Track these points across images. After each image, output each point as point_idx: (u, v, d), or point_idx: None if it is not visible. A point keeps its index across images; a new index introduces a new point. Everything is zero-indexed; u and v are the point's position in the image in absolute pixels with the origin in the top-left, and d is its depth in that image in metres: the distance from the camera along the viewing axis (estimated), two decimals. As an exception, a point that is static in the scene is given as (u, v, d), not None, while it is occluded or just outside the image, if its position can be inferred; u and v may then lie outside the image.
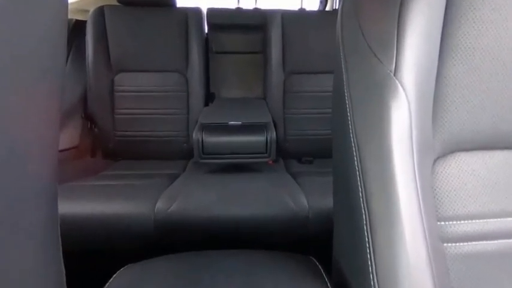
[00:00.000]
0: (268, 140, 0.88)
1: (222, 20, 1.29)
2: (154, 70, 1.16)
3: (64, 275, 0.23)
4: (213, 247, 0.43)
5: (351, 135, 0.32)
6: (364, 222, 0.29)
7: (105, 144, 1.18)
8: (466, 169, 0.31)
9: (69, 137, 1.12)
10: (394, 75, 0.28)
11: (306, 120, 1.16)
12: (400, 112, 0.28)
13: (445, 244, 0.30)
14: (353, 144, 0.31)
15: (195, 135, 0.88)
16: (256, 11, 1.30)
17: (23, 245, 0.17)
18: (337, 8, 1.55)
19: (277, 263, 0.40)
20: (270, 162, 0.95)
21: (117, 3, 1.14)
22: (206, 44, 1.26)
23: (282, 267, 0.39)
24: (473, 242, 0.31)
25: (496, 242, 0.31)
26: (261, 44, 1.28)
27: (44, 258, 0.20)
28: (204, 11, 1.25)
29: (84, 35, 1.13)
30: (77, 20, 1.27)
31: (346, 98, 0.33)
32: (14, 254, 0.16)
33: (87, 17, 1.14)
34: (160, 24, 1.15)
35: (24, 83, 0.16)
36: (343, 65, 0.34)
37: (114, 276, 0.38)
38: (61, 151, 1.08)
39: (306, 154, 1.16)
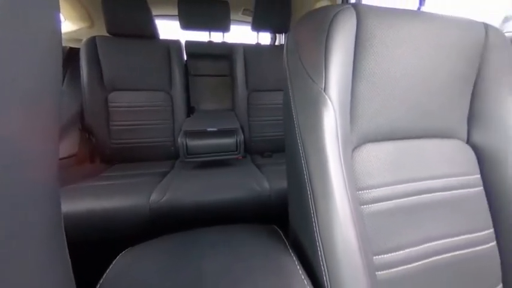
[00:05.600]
0: (238, 141, 0.87)
1: (197, 50, 1.25)
2: (143, 89, 1.07)
3: (70, 265, 0.20)
4: (199, 226, 0.42)
5: (297, 135, 0.32)
6: (309, 196, 0.30)
7: (102, 151, 1.06)
8: (373, 155, 0.34)
9: (69, 146, 0.98)
10: (324, 91, 0.29)
11: (265, 125, 1.17)
12: (329, 117, 0.29)
13: (362, 206, 0.32)
14: (298, 141, 0.32)
15: (180, 140, 0.84)
16: (224, 44, 1.28)
17: (30, 241, 0.15)
18: (283, 43, 1.60)
19: (249, 232, 0.39)
20: (240, 157, 0.94)
21: (107, 35, 1.04)
22: (186, 68, 1.21)
23: (253, 235, 0.38)
24: (380, 203, 0.33)
25: (394, 201, 0.33)
26: (229, 69, 1.26)
27: (50, 251, 0.17)
28: (183, 42, 1.20)
29: (78, 60, 1.01)
30: (70, 48, 1.13)
31: (293, 108, 0.34)
32: (22, 250, 0.14)
33: (80, 45, 1.02)
34: (146, 52, 1.07)
35: (25, 102, 0.14)
36: (289, 85, 0.35)
37: (116, 258, 0.34)
38: (62, 159, 0.95)
39: (267, 150, 1.17)
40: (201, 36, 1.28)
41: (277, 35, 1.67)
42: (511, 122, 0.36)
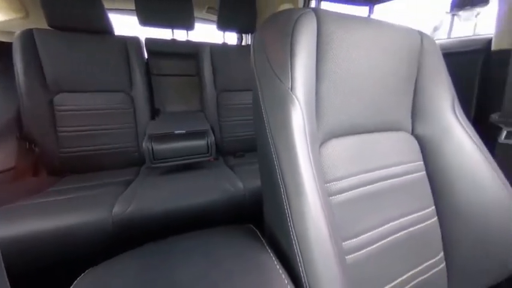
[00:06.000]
0: (209, 143, 0.85)
1: (159, 48, 1.17)
2: (98, 90, 0.96)
3: None
4: (171, 236, 0.39)
5: (268, 133, 0.33)
6: (282, 192, 0.31)
7: (49, 161, 0.91)
8: (337, 149, 0.36)
9: (4, 158, 0.83)
10: (291, 91, 0.31)
11: (236, 125, 1.16)
12: (297, 115, 0.30)
13: (330, 197, 0.34)
14: (270, 140, 0.32)
15: (145, 144, 0.78)
16: (189, 42, 1.23)
17: None
18: (249, 43, 1.61)
19: (225, 235, 0.39)
20: (212, 159, 0.92)
21: (47, 27, 0.90)
22: (147, 67, 1.13)
23: (229, 237, 0.38)
24: (346, 193, 0.35)
25: (358, 190, 0.36)
26: (195, 69, 1.22)
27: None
28: (143, 40, 1.11)
29: (10, 56, 0.85)
30: None
31: (262, 107, 0.34)
32: None
33: (13, 39, 0.86)
34: (99, 49, 0.96)
35: None
36: (257, 85, 0.35)
37: (75, 282, 0.30)
38: None
39: (239, 150, 1.16)
40: (161, 34, 1.20)
41: (243, 35, 1.68)
42: (444, 115, 0.43)
